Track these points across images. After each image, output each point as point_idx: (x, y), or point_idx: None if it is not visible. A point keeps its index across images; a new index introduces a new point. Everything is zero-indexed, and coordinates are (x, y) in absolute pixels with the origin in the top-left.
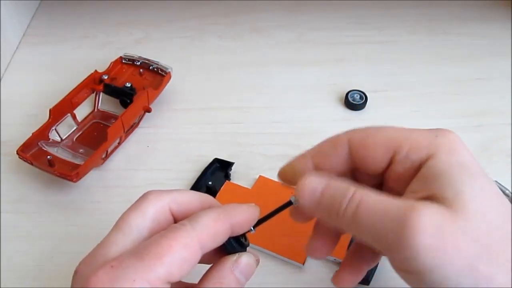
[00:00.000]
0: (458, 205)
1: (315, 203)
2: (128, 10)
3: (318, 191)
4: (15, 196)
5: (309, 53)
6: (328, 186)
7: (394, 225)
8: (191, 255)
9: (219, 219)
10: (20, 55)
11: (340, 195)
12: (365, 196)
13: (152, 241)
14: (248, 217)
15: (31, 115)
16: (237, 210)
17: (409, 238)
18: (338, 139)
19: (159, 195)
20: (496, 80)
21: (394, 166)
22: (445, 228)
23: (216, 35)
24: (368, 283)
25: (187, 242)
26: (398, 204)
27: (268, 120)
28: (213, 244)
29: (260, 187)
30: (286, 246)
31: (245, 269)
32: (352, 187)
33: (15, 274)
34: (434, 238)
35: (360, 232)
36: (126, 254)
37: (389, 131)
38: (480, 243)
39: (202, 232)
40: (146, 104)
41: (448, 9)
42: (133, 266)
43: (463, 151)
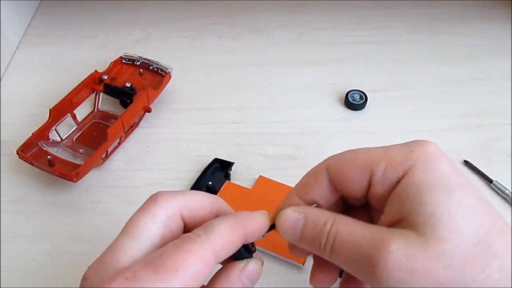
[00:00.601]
0: (428, 231)
1: (299, 238)
2: (128, 10)
3: (299, 227)
4: (15, 196)
5: (309, 53)
6: (307, 220)
7: (366, 263)
8: (206, 267)
9: (233, 229)
10: (20, 55)
11: (319, 231)
12: (340, 229)
13: (166, 252)
14: (261, 226)
15: (31, 115)
16: (250, 219)
17: (379, 275)
18: (318, 169)
19: (170, 198)
20: (496, 80)
21: (373, 187)
22: (416, 259)
23: (216, 35)
24: None
25: (202, 254)
26: (369, 237)
27: (268, 120)
28: (227, 253)
29: (260, 187)
30: (286, 246)
31: (251, 275)
32: (330, 219)
33: (15, 274)
34: (404, 272)
35: (341, 264)
36: (139, 264)
37: (364, 152)
38: (454, 268)
39: (216, 243)
40: (146, 104)
41: (448, 9)
42: (147, 279)
43: (440, 163)
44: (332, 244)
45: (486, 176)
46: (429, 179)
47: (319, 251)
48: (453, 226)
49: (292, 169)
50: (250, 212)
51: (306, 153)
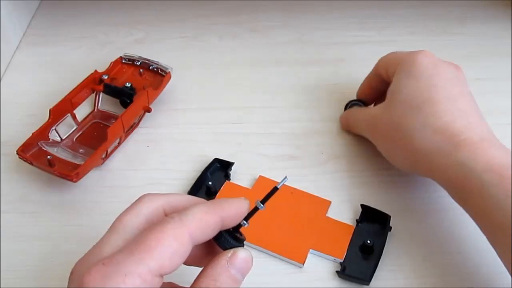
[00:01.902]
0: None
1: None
2: (128, 10)
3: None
4: (15, 196)
5: (309, 53)
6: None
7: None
8: (181, 247)
9: (208, 211)
10: (20, 55)
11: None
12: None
13: (142, 235)
14: (238, 210)
15: (31, 115)
16: (227, 203)
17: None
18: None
19: (153, 197)
20: (496, 80)
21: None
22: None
23: (216, 35)
24: (368, 283)
25: (176, 233)
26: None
27: (268, 120)
28: (203, 236)
29: (260, 187)
30: (286, 246)
31: (241, 265)
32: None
33: (15, 274)
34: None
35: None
36: (117, 251)
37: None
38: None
39: (191, 223)
40: (146, 104)
41: (448, 9)
42: (123, 261)
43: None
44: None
45: None
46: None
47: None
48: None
49: (292, 169)
50: (228, 198)
51: (306, 153)
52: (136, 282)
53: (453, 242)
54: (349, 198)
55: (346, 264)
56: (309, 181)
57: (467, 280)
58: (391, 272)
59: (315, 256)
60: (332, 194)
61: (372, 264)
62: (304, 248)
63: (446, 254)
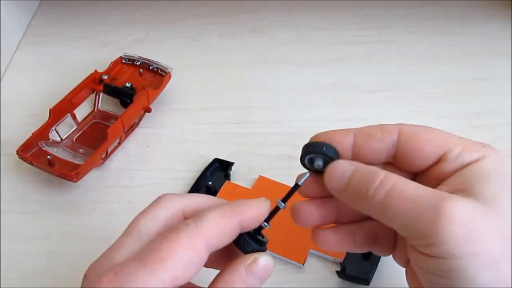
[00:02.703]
0: (493, 204)
1: (344, 186)
2: (128, 10)
3: (347, 175)
4: (15, 196)
5: (309, 53)
6: (357, 169)
7: (427, 211)
8: (196, 256)
9: (225, 216)
10: (20, 55)
11: (370, 177)
12: (398, 181)
13: (154, 243)
14: (257, 212)
15: (31, 115)
16: (245, 206)
17: (442, 225)
18: (387, 128)
19: (172, 199)
20: (496, 80)
21: (442, 163)
22: (477, 221)
23: (216, 35)
24: (368, 283)
25: (190, 242)
26: (433, 192)
27: (268, 120)
28: (220, 242)
29: (260, 187)
30: (286, 246)
31: (261, 273)
32: (383, 171)
33: (15, 274)
34: (466, 228)
35: (387, 215)
36: (130, 259)
37: (439, 131)
38: (508, 243)
39: (207, 230)
40: (146, 104)
41: (448, 9)
42: (135, 272)
43: (507, 165)
44: (387, 190)
45: None
46: (498, 171)
47: (364, 198)
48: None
49: (292, 169)
50: (247, 199)
51: None
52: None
53: None
54: None
55: (346, 264)
56: None
57: None
58: (391, 272)
59: (315, 256)
60: None
61: (372, 264)
62: (304, 248)
63: None
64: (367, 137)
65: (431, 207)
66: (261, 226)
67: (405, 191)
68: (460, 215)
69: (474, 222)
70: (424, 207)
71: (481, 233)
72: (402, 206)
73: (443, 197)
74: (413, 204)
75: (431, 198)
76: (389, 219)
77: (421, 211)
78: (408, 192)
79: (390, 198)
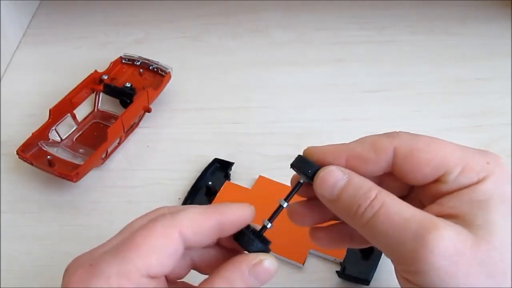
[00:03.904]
0: (484, 234)
1: (334, 197)
2: (128, 10)
3: (339, 186)
4: (15, 196)
5: (309, 53)
6: (350, 182)
7: (411, 239)
8: (170, 245)
9: (204, 213)
10: (20, 55)
11: (362, 195)
12: (387, 201)
13: (130, 233)
14: (239, 215)
15: (31, 115)
16: (227, 208)
17: (423, 256)
18: (382, 146)
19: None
20: (496, 80)
21: (440, 184)
22: (462, 254)
23: (216, 35)
24: (368, 283)
25: (165, 231)
26: (420, 218)
27: (268, 120)
28: (196, 238)
29: (260, 187)
30: (286, 246)
31: (263, 276)
32: (376, 188)
33: (15, 274)
34: (448, 261)
35: (373, 236)
36: (107, 251)
37: (441, 147)
38: (496, 279)
39: (183, 222)
40: (146, 104)
41: (448, 9)
42: (107, 261)
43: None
44: (375, 212)
45: None
46: (499, 192)
47: (353, 215)
48: (508, 240)
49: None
50: (231, 202)
51: None
52: (121, 283)
53: None
54: None
55: (346, 264)
56: None
57: None
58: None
59: (315, 256)
60: None
61: (372, 264)
62: (304, 248)
63: None
64: (361, 161)
65: (415, 235)
66: (265, 226)
67: (392, 215)
68: (443, 247)
69: (458, 255)
70: (408, 235)
71: (465, 266)
72: (388, 230)
73: (429, 225)
74: (398, 229)
75: (416, 225)
76: (374, 240)
77: (404, 238)
78: (394, 216)
79: (377, 220)
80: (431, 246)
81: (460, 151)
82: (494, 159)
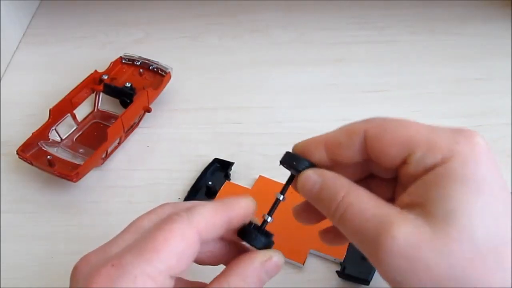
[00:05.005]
0: (442, 226)
1: (313, 201)
2: (128, 10)
3: (316, 189)
4: (15, 196)
5: (309, 53)
6: (323, 185)
7: (371, 241)
8: (189, 246)
9: (216, 212)
10: (20, 55)
11: (332, 196)
12: (353, 202)
13: (150, 234)
14: (246, 209)
15: (31, 115)
16: (235, 203)
17: (382, 258)
18: (354, 130)
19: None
20: (496, 80)
21: (407, 166)
22: (420, 249)
23: (216, 35)
24: (368, 283)
25: (184, 233)
26: (380, 217)
27: (268, 120)
28: (210, 235)
29: (260, 187)
30: (286, 246)
31: (272, 270)
32: (344, 189)
33: (15, 274)
34: (406, 260)
35: (346, 235)
36: (125, 250)
37: (408, 128)
38: (457, 269)
39: (199, 223)
40: (146, 104)
41: (448, 9)
42: (131, 262)
43: (482, 163)
44: (341, 215)
45: None
46: (463, 175)
47: (328, 216)
48: (468, 230)
49: None
50: (236, 197)
51: None
52: (146, 283)
53: None
54: None
55: (346, 264)
56: None
57: None
58: None
59: (315, 256)
60: None
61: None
62: (304, 248)
63: None
64: (336, 146)
65: (373, 236)
66: (266, 221)
67: (356, 215)
68: (397, 246)
69: (415, 251)
70: (368, 236)
71: (423, 261)
72: (353, 230)
73: (385, 225)
74: (360, 230)
75: (374, 226)
76: (348, 238)
77: (367, 239)
78: (358, 216)
79: (344, 220)
80: (385, 247)
81: (427, 131)
82: (465, 138)
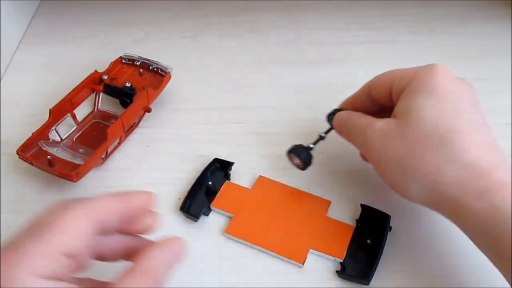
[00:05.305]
0: (403, 118)
1: (341, 129)
2: (128, 10)
3: (344, 120)
4: (15, 196)
5: (309, 53)
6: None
7: (360, 134)
8: (82, 224)
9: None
10: (20, 55)
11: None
12: (350, 117)
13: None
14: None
15: (31, 115)
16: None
17: (367, 142)
18: (363, 87)
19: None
20: (496, 80)
21: (392, 95)
22: (388, 134)
23: (216, 35)
24: (368, 283)
25: (75, 212)
26: (365, 121)
27: (268, 120)
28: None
29: (260, 187)
30: (286, 246)
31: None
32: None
33: None
34: (380, 142)
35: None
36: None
37: (390, 72)
38: (411, 146)
39: (96, 207)
40: (146, 104)
41: (448, 9)
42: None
43: (437, 78)
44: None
45: None
46: (420, 87)
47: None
48: (417, 119)
49: (292, 169)
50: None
51: None
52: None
53: (453, 242)
54: (349, 198)
55: (346, 264)
56: (309, 181)
57: (467, 280)
58: (391, 272)
59: (315, 256)
60: (332, 194)
61: (372, 264)
62: (304, 248)
63: (446, 254)
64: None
65: (361, 131)
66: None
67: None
68: (375, 132)
69: (385, 135)
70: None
71: (391, 142)
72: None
73: (369, 124)
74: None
75: (361, 126)
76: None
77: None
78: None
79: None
80: (369, 134)
81: (403, 70)
82: (427, 66)
